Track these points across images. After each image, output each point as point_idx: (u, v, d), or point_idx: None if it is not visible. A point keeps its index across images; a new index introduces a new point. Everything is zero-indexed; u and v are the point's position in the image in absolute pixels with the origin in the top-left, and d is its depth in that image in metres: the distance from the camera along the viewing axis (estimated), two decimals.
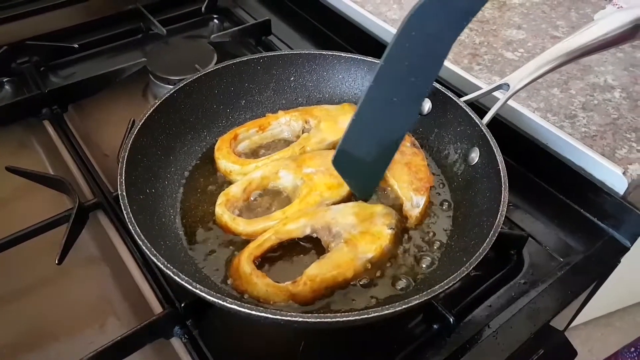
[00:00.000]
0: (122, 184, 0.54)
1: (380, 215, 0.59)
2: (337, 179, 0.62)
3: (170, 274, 0.46)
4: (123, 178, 0.55)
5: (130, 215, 0.51)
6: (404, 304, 0.44)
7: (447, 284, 0.46)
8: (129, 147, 0.58)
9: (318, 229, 0.57)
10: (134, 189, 0.56)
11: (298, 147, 0.67)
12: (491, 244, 0.49)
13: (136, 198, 0.56)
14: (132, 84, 0.85)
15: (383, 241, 0.56)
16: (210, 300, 0.44)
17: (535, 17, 0.92)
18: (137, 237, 0.49)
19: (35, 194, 0.69)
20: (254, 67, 0.73)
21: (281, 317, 0.43)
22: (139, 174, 0.59)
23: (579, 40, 0.59)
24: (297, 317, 0.43)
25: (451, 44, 0.51)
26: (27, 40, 0.87)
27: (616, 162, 0.65)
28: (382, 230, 0.57)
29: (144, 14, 0.95)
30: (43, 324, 0.57)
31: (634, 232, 0.64)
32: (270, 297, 0.52)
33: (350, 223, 0.57)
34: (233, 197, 0.62)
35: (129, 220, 0.51)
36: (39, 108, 0.79)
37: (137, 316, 0.57)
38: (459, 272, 0.46)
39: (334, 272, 0.53)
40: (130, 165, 0.57)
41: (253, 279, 0.52)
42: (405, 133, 0.57)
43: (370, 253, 0.55)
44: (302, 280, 0.52)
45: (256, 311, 0.43)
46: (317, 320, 0.43)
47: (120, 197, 0.53)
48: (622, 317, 1.61)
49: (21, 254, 0.60)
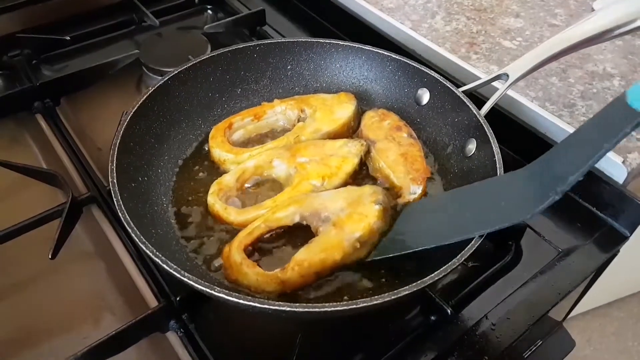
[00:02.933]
0: (113, 171, 0.54)
1: (367, 194, 0.58)
2: (330, 168, 0.61)
3: (159, 261, 0.46)
4: (114, 165, 0.54)
5: (120, 202, 0.51)
6: (393, 294, 0.43)
7: (438, 275, 0.45)
8: (120, 134, 0.58)
9: (307, 216, 0.57)
10: (126, 177, 0.56)
11: (292, 136, 0.67)
12: (483, 236, 0.48)
13: (128, 186, 0.55)
14: (126, 77, 0.84)
15: (371, 218, 0.55)
16: (198, 288, 0.44)
17: (533, 5, 0.91)
18: (126, 225, 0.49)
19: (28, 189, 0.68)
20: (250, 54, 0.72)
21: (269, 307, 0.43)
22: (131, 161, 0.58)
23: (579, 31, 0.58)
24: (285, 307, 0.43)
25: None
26: (18, 33, 0.86)
27: (615, 150, 0.64)
28: (369, 207, 0.56)
29: (136, 6, 0.93)
30: (37, 320, 0.57)
31: (633, 222, 0.63)
32: (261, 285, 0.52)
33: (339, 207, 0.56)
34: (226, 186, 0.61)
35: (118, 207, 0.50)
36: (31, 101, 0.78)
37: (132, 310, 0.56)
38: (450, 264, 0.46)
39: (321, 255, 0.52)
40: (122, 153, 0.57)
41: (243, 269, 0.52)
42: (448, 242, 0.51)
43: (358, 232, 0.54)
44: (290, 266, 0.52)
45: (244, 300, 0.43)
46: (304, 310, 0.43)
47: (110, 184, 0.53)
48: (621, 307, 1.62)
49: (14, 249, 0.60)
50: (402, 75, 0.70)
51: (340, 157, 0.63)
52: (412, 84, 0.70)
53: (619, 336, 1.57)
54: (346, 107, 0.69)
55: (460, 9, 0.91)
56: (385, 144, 0.65)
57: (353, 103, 0.70)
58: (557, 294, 0.57)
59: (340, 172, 0.62)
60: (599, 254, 0.62)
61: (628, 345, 1.56)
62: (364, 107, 0.72)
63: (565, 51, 0.59)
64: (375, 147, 0.65)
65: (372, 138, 0.66)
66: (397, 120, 0.68)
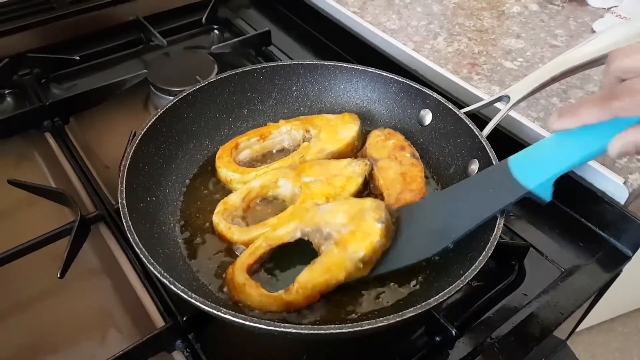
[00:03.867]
0: (122, 192, 0.54)
1: (369, 209, 0.57)
2: (334, 188, 0.62)
3: (167, 282, 0.46)
4: (124, 186, 0.55)
5: (129, 223, 0.51)
6: (398, 316, 0.44)
7: (442, 297, 0.46)
8: (130, 155, 0.58)
9: (309, 232, 0.57)
10: (134, 197, 0.57)
11: (298, 156, 0.68)
12: (487, 257, 0.49)
13: (136, 206, 0.56)
14: (133, 96, 0.86)
15: (374, 237, 0.55)
16: (205, 309, 0.45)
17: (534, 26, 0.93)
18: (135, 246, 0.49)
19: (37, 207, 0.69)
20: (256, 76, 0.73)
21: (274, 328, 0.43)
22: (140, 182, 0.59)
23: (579, 53, 0.59)
24: (290, 329, 0.43)
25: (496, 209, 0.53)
26: (28, 53, 0.87)
27: (616, 171, 0.65)
28: (372, 225, 0.56)
29: (144, 25, 0.95)
30: (44, 338, 0.57)
31: (635, 242, 0.64)
32: (265, 306, 0.52)
33: (340, 222, 0.56)
34: (232, 206, 0.62)
35: (127, 228, 0.51)
36: (40, 120, 0.79)
37: (139, 329, 0.57)
38: (453, 286, 0.46)
39: (325, 276, 0.53)
40: (131, 174, 0.57)
41: (247, 290, 0.52)
42: (457, 237, 0.54)
43: (361, 251, 0.54)
44: (294, 288, 0.52)
45: (250, 321, 0.43)
46: (310, 332, 0.44)
47: (120, 205, 0.53)
48: (625, 322, 1.61)
49: (23, 268, 0.60)
50: (404, 97, 0.72)
51: (345, 177, 0.64)
52: (415, 105, 0.71)
53: (623, 352, 1.56)
54: (350, 128, 0.70)
55: (462, 30, 0.92)
56: (387, 162, 0.66)
57: (357, 123, 0.71)
58: (560, 313, 0.57)
59: (345, 192, 0.63)
60: (601, 274, 0.62)
61: None
62: (367, 128, 0.73)
63: (565, 74, 0.60)
64: (377, 165, 0.66)
65: (375, 156, 0.67)
66: (402, 140, 0.68)
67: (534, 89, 0.61)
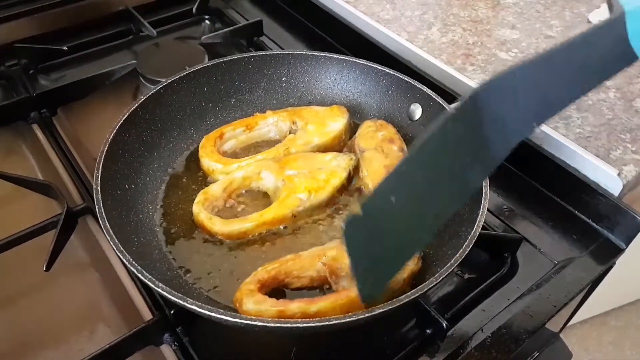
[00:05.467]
0: (98, 178, 0.54)
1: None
2: (317, 181, 0.61)
3: (134, 271, 0.46)
4: (99, 173, 0.55)
5: (102, 210, 0.51)
6: (368, 312, 0.43)
7: (412, 295, 0.45)
8: (108, 142, 0.58)
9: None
10: (112, 184, 0.56)
11: (283, 148, 0.67)
12: (464, 254, 0.48)
13: (113, 193, 0.56)
14: (123, 87, 0.84)
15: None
16: (173, 300, 0.44)
17: (529, 17, 0.92)
18: (105, 232, 0.49)
19: (23, 199, 0.68)
20: (245, 65, 0.72)
21: (240, 320, 0.43)
22: (118, 169, 0.59)
23: None
24: (256, 321, 0.43)
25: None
26: (15, 43, 0.86)
27: (611, 163, 0.65)
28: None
29: (133, 16, 0.94)
30: (31, 332, 0.56)
31: (629, 234, 0.63)
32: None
33: None
34: (212, 196, 0.61)
35: (99, 214, 0.51)
36: (27, 112, 0.78)
37: (127, 323, 0.56)
38: (425, 284, 0.46)
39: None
40: (109, 161, 0.57)
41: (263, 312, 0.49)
42: (448, 216, 0.41)
43: None
44: (296, 316, 0.49)
45: (216, 313, 0.43)
46: (276, 325, 0.43)
47: (94, 191, 0.53)
48: (618, 315, 1.62)
49: (8, 261, 0.59)
50: (395, 90, 0.71)
51: (329, 171, 0.63)
52: (405, 99, 0.70)
53: (616, 345, 1.57)
54: (338, 120, 0.69)
55: (456, 20, 0.91)
56: (373, 153, 0.65)
57: (345, 116, 0.70)
58: (553, 306, 0.57)
59: (328, 186, 0.62)
60: (594, 266, 0.62)
61: (626, 355, 1.56)
62: (356, 121, 0.72)
63: None
64: (363, 156, 0.65)
65: (363, 146, 0.66)
66: (392, 133, 0.68)
67: None
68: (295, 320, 0.43)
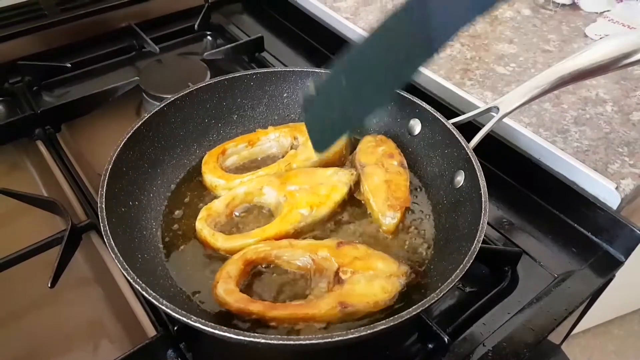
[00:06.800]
0: (102, 196, 0.55)
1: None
2: (319, 197, 0.62)
3: (139, 288, 0.46)
4: (104, 190, 0.55)
5: (106, 227, 0.51)
6: (370, 329, 0.44)
7: (414, 310, 0.45)
8: (113, 160, 0.59)
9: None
10: (116, 202, 0.57)
11: (284, 164, 0.68)
12: (464, 270, 0.48)
13: (117, 210, 0.56)
14: (126, 103, 0.85)
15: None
16: (177, 317, 0.45)
17: (526, 31, 0.93)
18: (110, 250, 0.49)
19: (28, 216, 0.68)
20: (247, 82, 0.73)
21: (243, 338, 0.43)
22: (122, 186, 0.59)
23: (573, 64, 0.58)
24: (259, 339, 0.43)
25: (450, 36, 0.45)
26: (19, 60, 0.87)
27: (609, 176, 0.65)
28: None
29: (136, 32, 0.95)
30: (35, 348, 0.57)
31: (628, 246, 0.64)
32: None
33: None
34: (215, 212, 0.62)
35: (104, 232, 0.51)
36: (31, 128, 0.78)
37: (131, 338, 0.57)
38: (427, 300, 0.46)
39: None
40: (114, 178, 0.58)
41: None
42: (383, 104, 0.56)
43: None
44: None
45: (220, 330, 0.43)
46: (278, 342, 0.43)
47: (99, 209, 0.53)
48: (621, 324, 1.61)
49: (13, 277, 0.60)
50: (394, 106, 0.71)
51: (330, 186, 0.64)
52: (405, 114, 0.71)
53: (619, 354, 1.57)
54: None
55: None
56: (374, 168, 0.66)
57: None
58: (553, 319, 0.57)
59: (329, 201, 0.62)
60: (594, 279, 0.62)
61: None
62: (357, 136, 0.73)
63: (557, 86, 0.60)
64: (363, 171, 0.66)
65: (363, 161, 0.67)
66: (392, 148, 0.68)
67: (523, 102, 0.61)
68: (298, 337, 0.43)
